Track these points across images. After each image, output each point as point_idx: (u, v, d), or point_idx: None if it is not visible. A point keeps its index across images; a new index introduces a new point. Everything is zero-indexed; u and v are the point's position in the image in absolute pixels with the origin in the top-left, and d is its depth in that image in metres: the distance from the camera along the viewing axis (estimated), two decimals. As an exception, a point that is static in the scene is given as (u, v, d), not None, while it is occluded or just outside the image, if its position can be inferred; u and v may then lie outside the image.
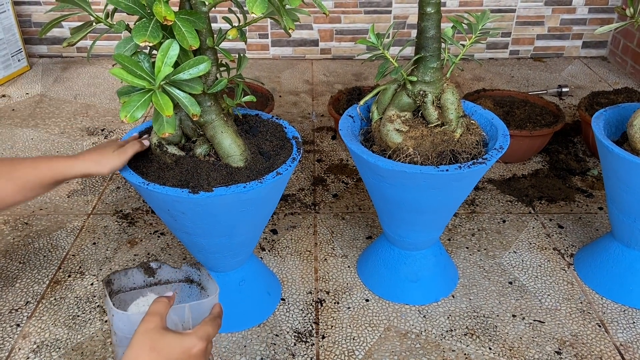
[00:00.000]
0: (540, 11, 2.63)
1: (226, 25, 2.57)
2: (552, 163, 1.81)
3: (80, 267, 1.37)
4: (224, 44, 2.65)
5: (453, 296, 1.29)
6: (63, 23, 2.63)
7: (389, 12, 2.62)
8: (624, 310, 1.25)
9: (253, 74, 2.53)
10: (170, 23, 0.79)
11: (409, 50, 2.61)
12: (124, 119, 0.79)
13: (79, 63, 2.68)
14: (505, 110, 1.85)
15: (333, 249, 1.44)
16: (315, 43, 2.70)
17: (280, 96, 2.33)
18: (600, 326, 1.21)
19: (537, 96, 1.95)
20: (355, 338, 1.18)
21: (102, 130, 2.04)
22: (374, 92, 1.17)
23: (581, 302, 1.27)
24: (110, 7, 0.91)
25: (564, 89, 2.29)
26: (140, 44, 0.79)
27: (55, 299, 1.28)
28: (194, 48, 0.83)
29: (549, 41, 2.71)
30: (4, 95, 2.32)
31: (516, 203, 1.62)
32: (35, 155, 1.86)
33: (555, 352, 1.15)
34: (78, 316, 1.23)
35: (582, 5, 2.62)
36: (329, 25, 2.66)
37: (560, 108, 1.93)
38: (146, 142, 1.05)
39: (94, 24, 0.91)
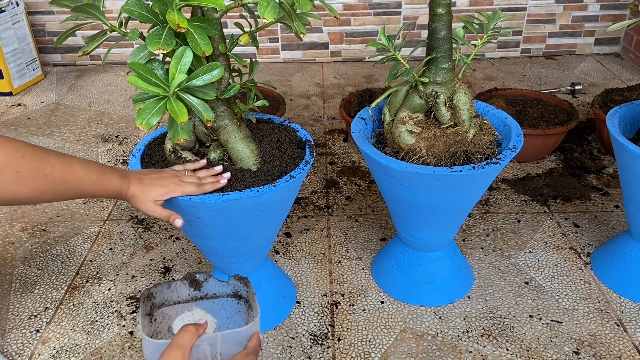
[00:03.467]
0: (551, 9, 2.61)
1: (237, 31, 2.59)
2: (567, 162, 1.80)
3: (97, 272, 1.39)
4: (235, 49, 2.67)
5: (469, 297, 1.28)
6: (76, 32, 2.67)
7: (399, 13, 2.62)
8: (643, 309, 1.24)
9: (264, 78, 2.55)
10: (184, 30, 0.80)
11: (420, 52, 2.60)
12: (139, 125, 0.80)
13: (93, 71, 2.71)
14: (518, 110, 1.84)
15: (347, 252, 1.44)
16: (325, 46, 2.71)
17: (291, 100, 2.34)
18: (618, 325, 1.20)
19: (550, 94, 1.94)
20: (371, 340, 1.18)
21: (117, 137, 2.06)
22: (386, 94, 1.17)
23: (599, 302, 1.26)
24: (124, 16, 0.92)
25: (577, 87, 2.27)
26: (155, 52, 0.80)
27: (73, 305, 1.29)
28: (207, 54, 0.83)
29: (560, 39, 2.69)
30: (19, 104, 2.35)
31: (531, 202, 1.61)
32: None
33: (574, 352, 1.14)
34: (96, 321, 1.24)
35: (594, 2, 2.59)
36: (338, 28, 2.66)
37: (574, 106, 1.92)
38: (223, 181, 0.97)
39: (108, 32, 0.92)
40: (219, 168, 1.00)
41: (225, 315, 0.82)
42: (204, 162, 1.02)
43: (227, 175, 0.99)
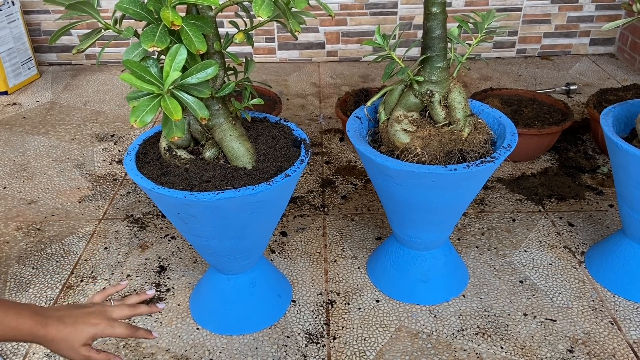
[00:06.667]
0: (546, 9, 2.62)
1: (233, 30, 2.58)
2: (562, 161, 1.81)
3: (92, 271, 1.39)
4: (231, 48, 2.67)
5: (464, 296, 1.28)
6: (72, 31, 2.66)
7: (395, 13, 2.62)
8: (637, 308, 1.24)
9: (260, 78, 2.55)
10: (178, 28, 0.80)
11: (415, 51, 2.61)
12: (133, 123, 0.80)
13: (88, 70, 2.70)
14: (513, 109, 1.85)
15: (343, 251, 1.44)
16: (321, 46, 2.71)
17: (287, 99, 2.34)
18: (612, 324, 1.20)
19: (545, 94, 1.95)
20: (367, 339, 1.18)
21: (112, 136, 2.06)
22: (381, 93, 1.17)
23: (593, 300, 1.27)
24: (119, 14, 0.92)
25: (572, 87, 2.28)
26: (149, 49, 0.80)
27: (68, 304, 1.29)
28: (202, 52, 0.83)
29: (556, 39, 2.69)
30: (15, 103, 2.35)
31: (526, 202, 1.62)
32: (47, 162, 1.88)
33: (568, 350, 1.14)
34: (91, 320, 1.24)
35: (589, 2, 2.60)
36: (335, 28, 2.66)
37: (569, 106, 1.92)
38: (156, 309, 0.88)
39: (102, 30, 0.92)
40: (151, 293, 0.91)
41: None
42: (125, 283, 0.91)
43: (162, 306, 0.90)
